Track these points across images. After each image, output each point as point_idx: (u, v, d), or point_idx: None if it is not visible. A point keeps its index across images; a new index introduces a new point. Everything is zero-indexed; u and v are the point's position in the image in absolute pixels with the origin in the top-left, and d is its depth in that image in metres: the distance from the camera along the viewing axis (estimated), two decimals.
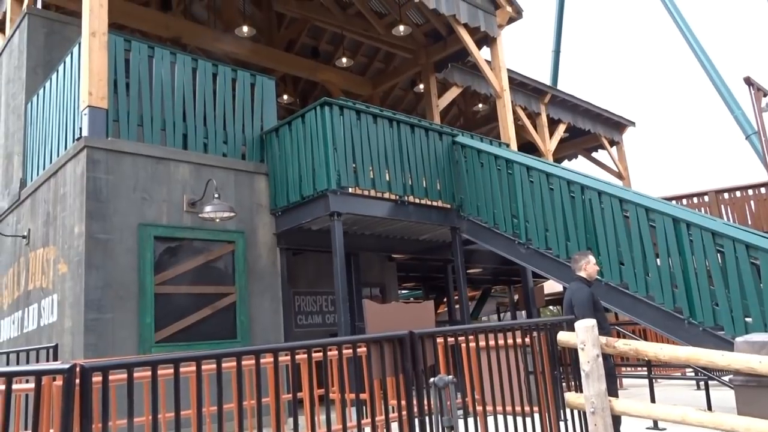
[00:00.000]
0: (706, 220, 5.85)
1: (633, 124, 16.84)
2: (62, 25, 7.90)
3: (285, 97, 13.71)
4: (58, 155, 6.67)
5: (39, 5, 8.44)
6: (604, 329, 5.16)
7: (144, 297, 5.98)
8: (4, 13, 8.77)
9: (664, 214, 5.93)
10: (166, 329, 6.08)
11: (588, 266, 5.71)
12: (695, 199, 14.11)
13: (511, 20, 10.78)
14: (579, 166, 19.29)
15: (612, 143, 16.54)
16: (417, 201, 7.63)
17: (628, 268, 6.18)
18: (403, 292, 17.99)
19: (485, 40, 10.68)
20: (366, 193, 7.10)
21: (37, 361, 5.62)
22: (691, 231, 5.70)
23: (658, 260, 5.98)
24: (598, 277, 6.21)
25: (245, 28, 11.01)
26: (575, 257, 5.87)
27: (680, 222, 5.78)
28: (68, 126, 6.55)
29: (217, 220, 6.42)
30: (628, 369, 9.66)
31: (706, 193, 14.05)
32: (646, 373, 7.21)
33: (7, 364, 6.04)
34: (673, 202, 13.69)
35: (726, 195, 13.86)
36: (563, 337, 4.38)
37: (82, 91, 6.16)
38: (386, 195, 7.30)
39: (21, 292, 7.21)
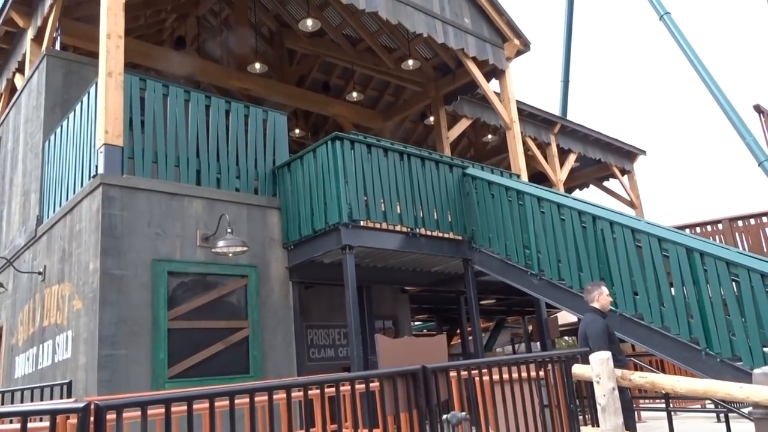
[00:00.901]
0: (720, 249, 5.81)
1: (644, 152, 16.85)
2: (80, 65, 8.11)
3: (297, 131, 13.89)
4: (74, 192, 6.78)
5: (57, 47, 8.68)
6: (619, 361, 5.11)
7: (157, 332, 6.00)
8: (24, 55, 9.01)
9: (677, 243, 5.89)
10: (179, 364, 6.08)
11: (601, 297, 5.68)
12: (709, 227, 14.01)
13: (519, 53, 10.92)
14: (590, 195, 19.28)
15: (623, 172, 16.54)
16: (428, 233, 7.64)
17: (642, 299, 6.12)
18: (416, 324, 17.87)
19: (494, 72, 10.81)
20: (377, 226, 7.13)
21: (51, 398, 5.63)
22: (705, 261, 5.65)
23: (672, 290, 5.92)
24: (612, 308, 6.16)
25: (257, 65, 11.24)
26: (588, 288, 5.84)
27: (694, 252, 5.74)
28: (84, 164, 6.67)
29: (230, 255, 6.46)
30: (646, 401, 9.49)
31: (720, 221, 13.95)
32: (664, 405, 7.09)
33: (22, 401, 6.06)
34: (687, 230, 13.62)
35: (740, 223, 13.75)
36: (578, 370, 4.34)
37: (98, 130, 6.28)
38: (398, 228, 7.33)
39: (36, 329, 7.26)
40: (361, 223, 6.92)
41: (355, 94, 12.74)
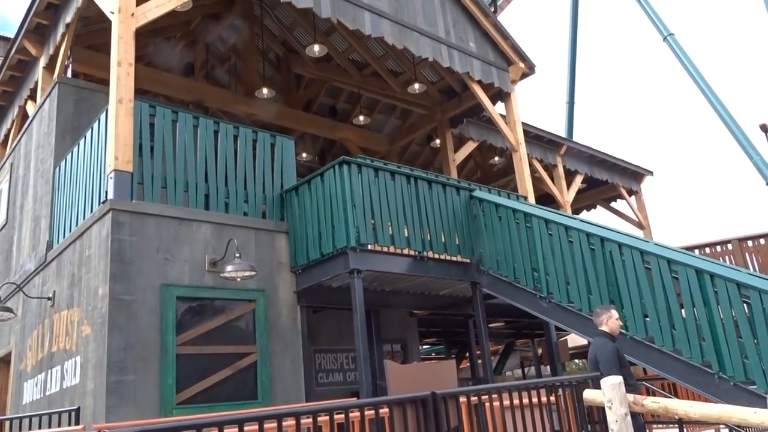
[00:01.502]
0: (731, 270, 5.77)
1: (651, 173, 16.83)
2: (90, 92, 8.21)
3: (304, 155, 13.98)
4: (84, 218, 6.83)
5: (69, 74, 8.81)
6: (630, 385, 5.06)
7: (166, 358, 5.99)
8: (36, 82, 9.15)
9: (686, 265, 5.86)
10: (187, 390, 6.06)
11: (609, 321, 5.64)
12: (718, 248, 13.91)
13: (524, 75, 11.01)
14: (598, 216, 19.22)
15: (630, 193, 16.52)
16: (436, 256, 7.63)
17: (653, 321, 6.07)
18: (425, 347, 17.75)
19: (499, 95, 10.88)
20: (385, 249, 7.13)
21: (59, 425, 5.61)
22: (716, 282, 5.62)
23: (683, 312, 5.87)
24: (623, 331, 6.12)
25: (265, 90, 11.36)
26: (597, 311, 5.80)
27: (704, 273, 5.70)
28: (94, 189, 6.73)
29: (238, 279, 6.47)
30: (659, 426, 9.36)
31: (729, 241, 13.85)
32: (677, 430, 6.99)
33: (30, 427, 6.04)
34: (696, 251, 13.54)
35: (750, 243, 13.65)
36: (590, 395, 4.30)
37: (108, 156, 6.35)
38: (405, 251, 7.33)
39: (44, 354, 7.26)
40: (369, 246, 6.93)
41: (361, 118, 12.84)
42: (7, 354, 8.78)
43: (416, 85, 11.19)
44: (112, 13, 6.72)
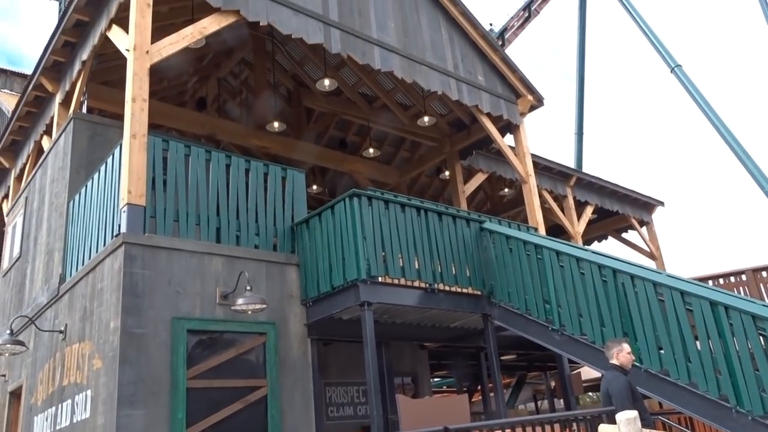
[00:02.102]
0: (746, 302, 5.70)
1: (662, 204, 16.78)
2: (105, 127, 8.35)
3: (314, 187, 14.08)
4: (97, 251, 6.89)
5: (84, 110, 8.98)
6: (644, 420, 4.98)
7: (176, 392, 5.96)
8: (52, 118, 9.32)
9: (700, 297, 5.80)
10: (197, 425, 6.01)
11: (621, 354, 5.57)
12: (732, 278, 13.77)
13: (532, 108, 11.11)
14: (609, 247, 19.11)
15: (642, 223, 16.45)
16: (447, 288, 7.60)
17: (667, 354, 5.99)
18: (436, 380, 17.55)
19: (508, 127, 10.96)
20: (396, 281, 7.11)
21: None
22: (730, 314, 5.55)
23: (697, 344, 5.79)
24: (637, 364, 6.03)
25: (276, 124, 11.51)
26: (608, 345, 5.74)
27: (718, 305, 5.64)
28: (108, 223, 6.80)
29: (249, 312, 6.47)
30: None
31: (743, 272, 13.71)
32: None
33: None
34: (710, 281, 13.40)
35: (764, 273, 13.50)
36: (605, 430, 4.23)
37: (122, 190, 6.42)
38: (416, 283, 7.31)
39: (55, 388, 7.25)
40: (380, 278, 6.92)
41: (371, 151, 12.95)
42: (18, 387, 8.77)
43: (425, 118, 11.30)
44: (128, 50, 6.88)
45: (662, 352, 6.04)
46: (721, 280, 13.64)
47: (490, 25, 27.23)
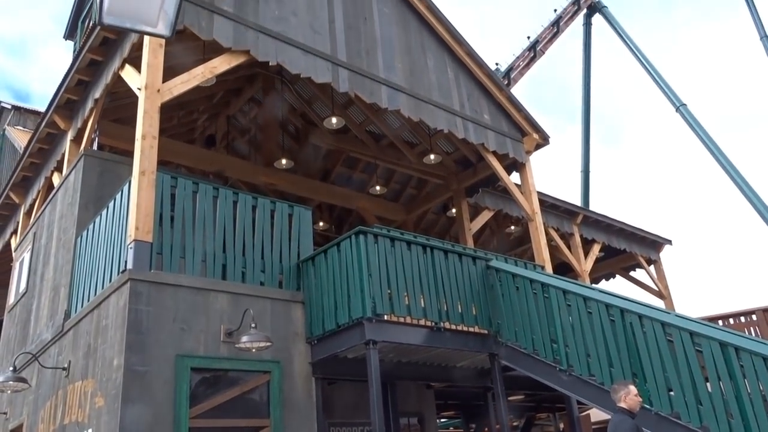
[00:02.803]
0: (756, 343, 5.61)
1: (669, 242, 16.70)
2: (114, 164, 8.44)
3: (321, 223, 14.11)
4: (102, 287, 6.88)
5: (95, 147, 9.10)
6: None
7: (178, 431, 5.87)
8: (63, 154, 9.44)
9: (709, 338, 5.71)
10: None
11: (627, 398, 5.48)
12: (742, 318, 13.62)
13: (538, 146, 11.17)
14: (617, 286, 18.97)
15: (649, 262, 16.34)
16: (453, 327, 7.54)
17: (677, 396, 5.87)
18: (442, 420, 17.24)
19: (514, 165, 11.01)
20: (401, 320, 7.06)
21: None
22: (741, 356, 5.46)
23: (708, 385, 5.69)
24: (647, 406, 5.92)
25: (284, 161, 11.62)
26: (614, 388, 5.65)
27: (728, 346, 5.55)
28: (114, 259, 6.81)
29: (254, 350, 6.42)
30: None
31: (753, 312, 13.56)
32: None
33: None
34: (720, 321, 13.25)
35: None
36: None
37: (129, 226, 6.46)
38: (422, 322, 7.25)
39: (57, 427, 7.17)
40: (385, 317, 6.87)
41: (378, 188, 13.01)
42: (18, 426, 8.67)
43: (432, 156, 11.37)
44: (139, 89, 6.99)
45: (672, 394, 5.93)
46: (731, 320, 13.48)
47: (496, 64, 27.62)
